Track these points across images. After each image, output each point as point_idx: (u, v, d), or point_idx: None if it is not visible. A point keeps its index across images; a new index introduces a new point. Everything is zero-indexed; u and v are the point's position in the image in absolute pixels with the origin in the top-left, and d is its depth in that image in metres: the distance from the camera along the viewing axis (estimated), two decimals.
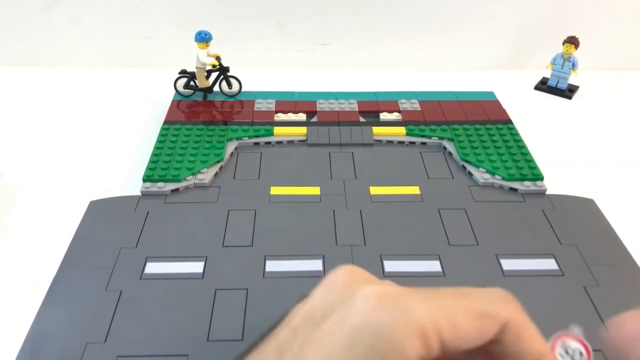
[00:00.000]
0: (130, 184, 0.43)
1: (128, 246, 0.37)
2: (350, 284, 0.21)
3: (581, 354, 0.23)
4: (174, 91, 0.54)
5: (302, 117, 0.52)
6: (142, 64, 0.63)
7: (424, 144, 0.49)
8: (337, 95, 0.55)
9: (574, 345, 0.23)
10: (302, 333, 0.20)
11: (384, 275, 0.35)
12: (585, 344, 0.23)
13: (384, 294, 0.20)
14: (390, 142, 0.49)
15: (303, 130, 0.49)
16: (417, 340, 0.19)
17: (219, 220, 0.39)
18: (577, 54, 0.57)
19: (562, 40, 0.57)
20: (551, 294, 0.34)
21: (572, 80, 0.59)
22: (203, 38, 0.51)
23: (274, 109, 0.52)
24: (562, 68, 0.58)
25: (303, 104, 0.53)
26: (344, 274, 0.21)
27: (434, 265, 0.36)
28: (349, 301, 0.20)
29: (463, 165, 0.46)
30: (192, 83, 0.54)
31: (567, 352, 0.23)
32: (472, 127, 0.50)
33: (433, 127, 0.50)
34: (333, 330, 0.19)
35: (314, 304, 0.21)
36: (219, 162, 0.45)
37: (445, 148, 0.48)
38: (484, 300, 0.21)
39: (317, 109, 0.52)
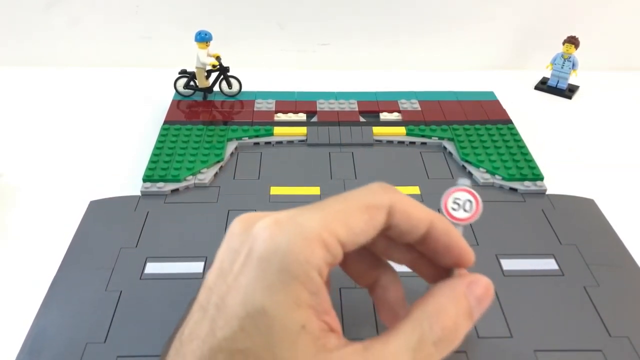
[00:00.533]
0: (130, 184, 0.43)
1: (128, 246, 0.37)
2: (245, 229, 0.22)
3: (470, 202, 0.25)
4: (174, 91, 0.54)
5: (302, 117, 0.52)
6: (142, 64, 0.63)
7: (424, 144, 0.49)
8: (337, 95, 0.55)
9: (464, 196, 0.25)
10: (217, 286, 0.21)
11: None
12: (472, 192, 0.25)
13: (276, 221, 0.21)
14: (390, 142, 0.49)
15: (303, 130, 0.49)
16: (318, 249, 0.20)
17: (219, 220, 0.39)
18: (577, 54, 0.57)
19: (562, 40, 0.57)
20: (551, 294, 0.34)
21: (572, 80, 0.59)
22: (203, 38, 0.51)
23: (274, 109, 0.52)
24: (562, 68, 0.58)
25: (303, 104, 0.53)
26: (237, 224, 0.22)
27: None
28: (248, 240, 0.21)
29: (463, 165, 0.46)
30: (192, 83, 0.54)
31: (458, 204, 0.25)
32: (472, 127, 0.50)
33: (433, 127, 0.50)
34: (243, 269, 0.20)
35: (221, 259, 0.22)
36: (219, 162, 0.45)
37: (445, 148, 0.48)
38: (366, 195, 0.23)
39: (317, 109, 0.52)
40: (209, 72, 0.53)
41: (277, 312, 0.19)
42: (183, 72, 0.54)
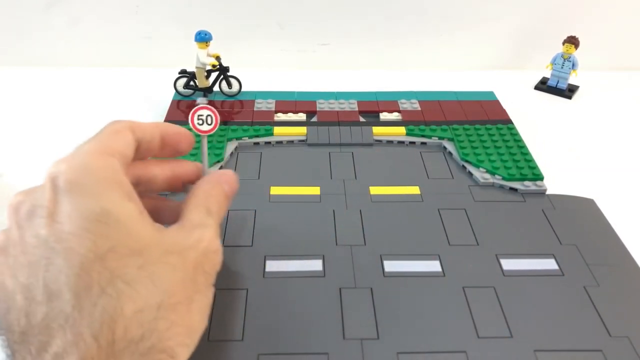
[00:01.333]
0: None
1: None
2: (28, 193, 0.24)
3: (210, 116, 0.31)
4: (174, 91, 0.54)
5: (302, 117, 0.52)
6: (142, 64, 0.63)
7: (424, 144, 0.49)
8: (337, 95, 0.55)
9: (205, 112, 0.31)
10: (42, 232, 0.22)
11: (384, 275, 0.35)
12: (210, 108, 0.31)
13: (62, 161, 0.24)
14: (390, 142, 0.49)
15: (303, 130, 0.49)
16: (110, 158, 0.25)
17: None
18: (577, 54, 0.57)
19: (562, 40, 0.57)
20: (551, 294, 0.34)
21: (572, 80, 0.59)
22: (203, 38, 0.51)
23: (274, 109, 0.52)
24: (562, 68, 0.58)
25: (303, 104, 0.53)
26: (16, 197, 0.25)
27: (434, 265, 0.36)
28: (42, 191, 0.24)
29: (463, 165, 0.46)
30: (192, 83, 0.54)
31: (202, 120, 0.31)
32: (472, 127, 0.50)
33: (433, 127, 0.50)
34: (59, 205, 0.23)
35: (18, 224, 0.24)
36: (219, 162, 0.45)
37: (445, 148, 0.48)
38: (109, 127, 0.27)
39: (317, 109, 0.52)
40: (209, 72, 0.53)
41: (118, 207, 0.23)
42: (183, 72, 0.54)
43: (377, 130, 0.50)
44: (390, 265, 0.35)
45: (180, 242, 0.25)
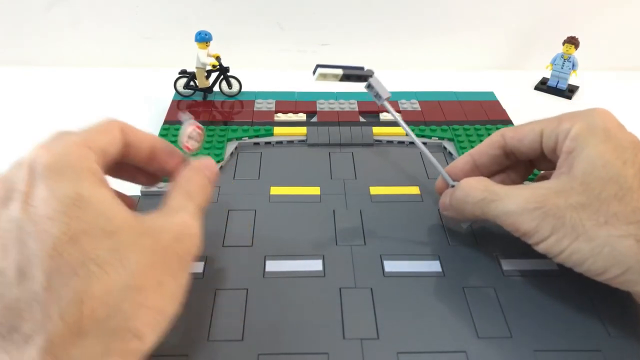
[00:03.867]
0: (131, 184, 0.43)
1: None
2: (4, 177, 0.25)
3: (198, 133, 0.33)
4: (174, 91, 0.54)
5: (302, 117, 0.52)
6: (142, 64, 0.63)
7: (424, 144, 0.49)
8: (337, 95, 0.55)
9: (190, 129, 0.33)
10: (17, 215, 0.23)
11: (384, 275, 0.35)
12: (197, 124, 0.33)
13: (41, 146, 0.26)
14: (390, 142, 0.49)
15: (303, 130, 0.49)
16: (87, 150, 0.26)
17: (219, 220, 0.39)
18: (577, 54, 0.57)
19: (562, 41, 0.57)
20: (551, 294, 0.34)
21: (572, 80, 0.59)
22: (203, 38, 0.51)
23: (274, 109, 0.52)
24: (562, 68, 0.58)
25: (303, 104, 0.53)
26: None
27: (434, 265, 0.36)
28: (18, 172, 0.25)
29: None
30: (192, 83, 0.54)
31: (190, 136, 0.33)
32: (472, 127, 0.50)
33: (433, 127, 0.50)
34: (34, 188, 0.23)
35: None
36: (218, 162, 0.45)
37: (445, 148, 0.48)
38: (100, 124, 0.29)
39: (317, 109, 0.52)
40: (209, 72, 0.53)
41: (91, 192, 0.24)
42: (183, 72, 0.54)
43: (377, 130, 0.50)
44: (391, 265, 0.35)
45: (155, 225, 0.26)
